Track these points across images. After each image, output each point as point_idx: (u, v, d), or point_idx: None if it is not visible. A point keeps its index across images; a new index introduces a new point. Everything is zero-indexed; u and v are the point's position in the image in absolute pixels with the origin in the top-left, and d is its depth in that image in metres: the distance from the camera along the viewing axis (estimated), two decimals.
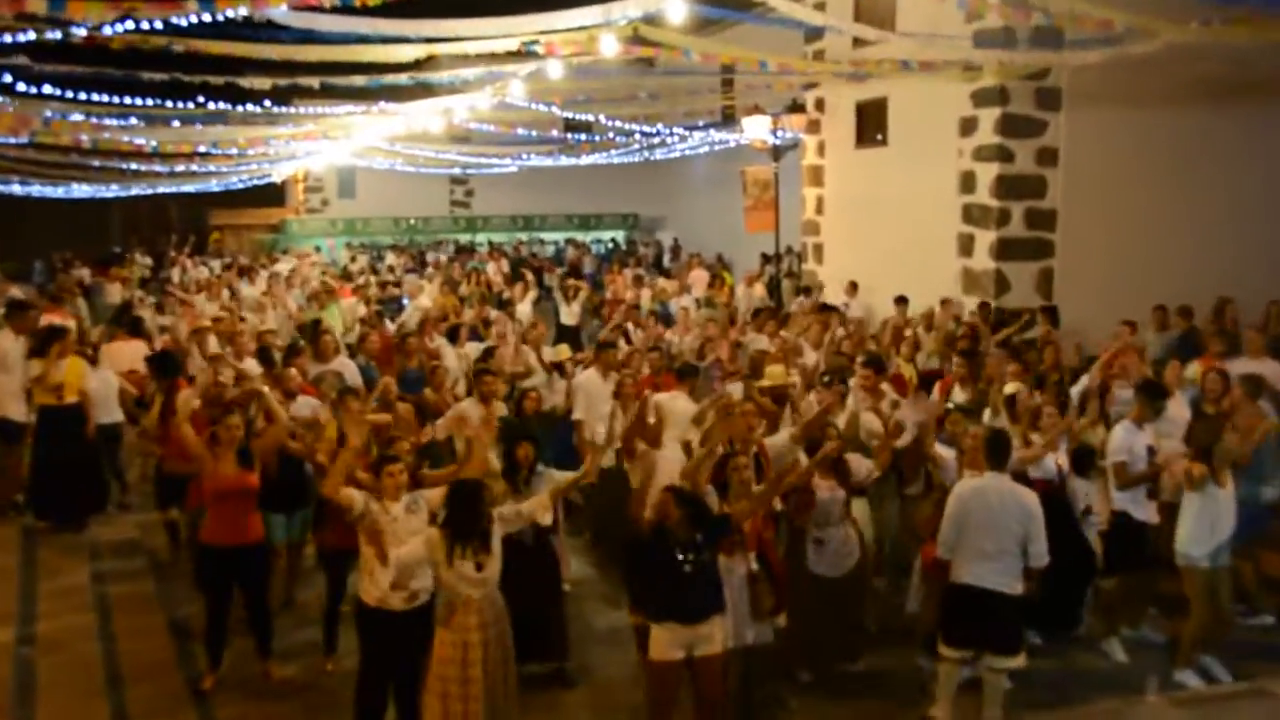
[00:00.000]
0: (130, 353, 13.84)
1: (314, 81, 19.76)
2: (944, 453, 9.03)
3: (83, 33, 10.94)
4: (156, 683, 8.51)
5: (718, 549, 7.18)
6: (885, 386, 10.96)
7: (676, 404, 9.93)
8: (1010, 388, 10.70)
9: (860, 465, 8.93)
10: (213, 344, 13.38)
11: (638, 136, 26.08)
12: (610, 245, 37.70)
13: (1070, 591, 9.29)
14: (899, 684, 8.69)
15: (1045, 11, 13.27)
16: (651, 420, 9.39)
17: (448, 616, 6.89)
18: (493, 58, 15.92)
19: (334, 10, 10.18)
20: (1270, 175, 17.31)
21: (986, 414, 10.46)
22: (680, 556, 6.90)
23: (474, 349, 14.13)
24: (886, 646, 9.14)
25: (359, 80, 18.61)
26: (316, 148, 25.58)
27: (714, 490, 7.91)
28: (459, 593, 6.86)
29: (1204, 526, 8.61)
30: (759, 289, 21.86)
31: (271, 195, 41.37)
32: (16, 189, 33.59)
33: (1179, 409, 10.62)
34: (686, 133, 26.21)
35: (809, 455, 8.67)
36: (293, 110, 19.96)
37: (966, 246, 16.98)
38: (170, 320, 17.38)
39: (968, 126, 16.87)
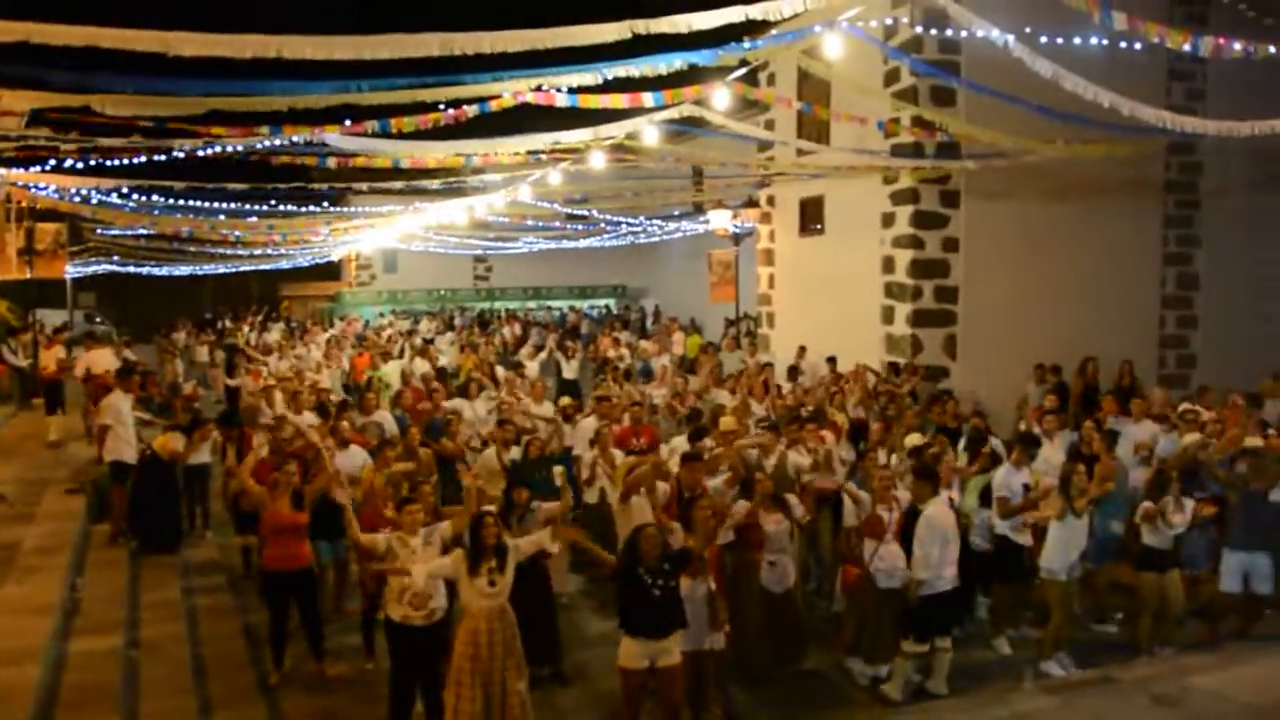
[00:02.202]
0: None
1: (363, 185, 20.06)
2: (856, 491, 9.11)
3: (181, 154, 11.15)
4: (233, 679, 8.57)
5: (680, 575, 7.30)
6: (825, 434, 11.09)
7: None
8: (912, 439, 10.81)
9: (795, 504, 9.03)
10: (278, 400, 13.44)
11: (624, 226, 26.38)
12: (604, 310, 37.81)
13: (968, 593, 9.46)
14: (827, 680, 8.80)
15: (945, 132, 13.55)
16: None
17: (463, 619, 7.04)
18: (506, 166, 16.20)
19: (375, 135, 10.35)
20: (1121, 258, 17.45)
21: (893, 458, 10.59)
22: (650, 582, 7.02)
23: (484, 403, 14.12)
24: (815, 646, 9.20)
25: (398, 184, 18.88)
26: (364, 236, 25.79)
27: (679, 527, 8.05)
28: (473, 603, 7.01)
29: (1062, 547, 8.80)
30: (738, 353, 21.83)
31: (330, 271, 41.53)
32: (131, 269, 34.08)
33: (1054, 453, 10.75)
34: (663, 222, 26.47)
35: (745, 497, 8.81)
36: (347, 210, 20.17)
37: (888, 316, 17.04)
38: (238, 380, 17.46)
39: (888, 220, 16.96)
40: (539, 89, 9.29)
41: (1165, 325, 18.17)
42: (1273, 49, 8.30)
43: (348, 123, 9.90)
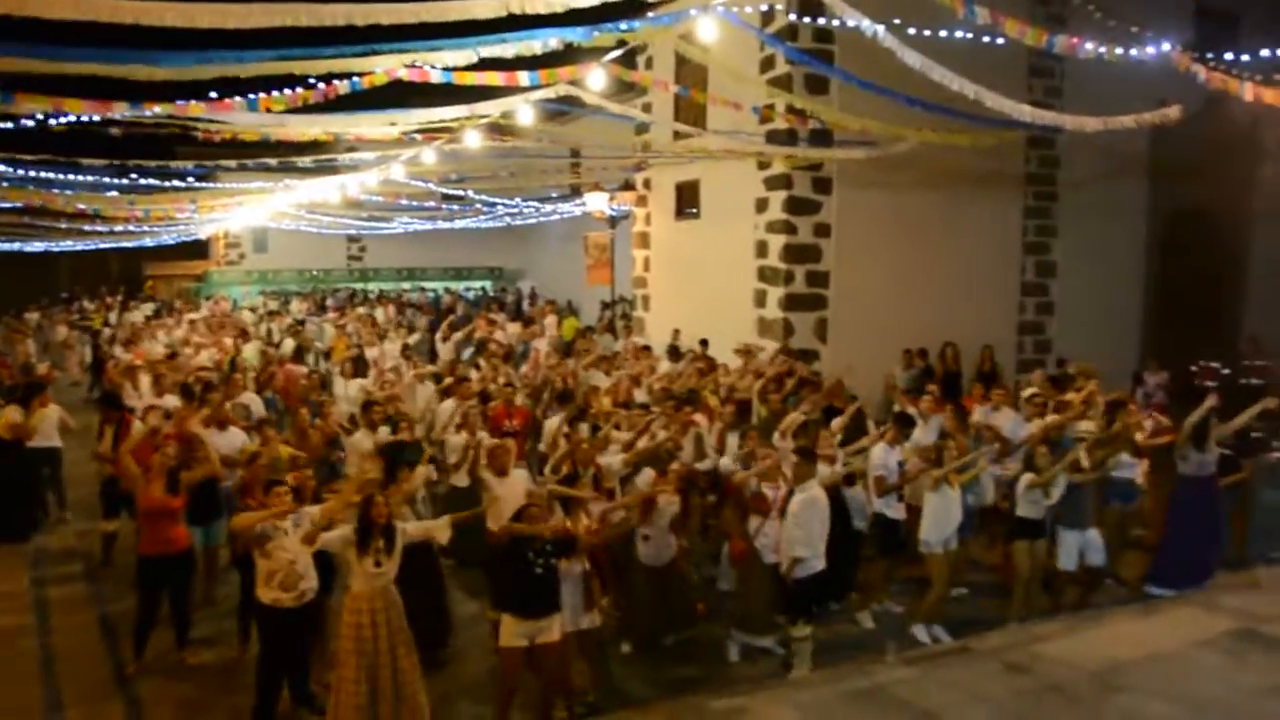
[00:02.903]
0: None
1: (232, 162, 19.43)
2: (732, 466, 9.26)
3: (30, 124, 10.58)
4: (86, 671, 8.28)
5: (563, 556, 7.30)
6: (697, 417, 11.20)
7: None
8: (792, 418, 10.97)
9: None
10: (144, 382, 12.97)
11: (500, 207, 26.13)
12: (479, 293, 37.42)
13: (847, 569, 9.68)
14: (706, 651, 8.91)
15: (818, 120, 13.78)
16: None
17: (346, 600, 6.92)
18: (380, 143, 15.84)
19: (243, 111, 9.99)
20: (985, 246, 18.03)
21: (775, 436, 10.74)
22: (533, 561, 7.01)
23: (356, 384, 13.91)
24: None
25: (270, 160, 18.33)
26: (232, 214, 24.98)
27: (559, 506, 8.06)
28: (359, 583, 6.91)
29: (938, 521, 9.09)
30: (607, 336, 21.86)
31: (197, 250, 40.07)
32: None
33: (926, 434, 11.07)
34: (540, 204, 26.32)
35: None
36: (214, 186, 19.50)
37: (761, 300, 17.25)
38: (112, 362, 16.79)
39: (761, 205, 17.16)
40: (413, 66, 9.10)
41: (1025, 311, 18.89)
42: (1119, 50, 8.68)
43: (213, 96, 9.54)
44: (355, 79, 9.41)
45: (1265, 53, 11.11)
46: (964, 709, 6.40)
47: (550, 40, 8.66)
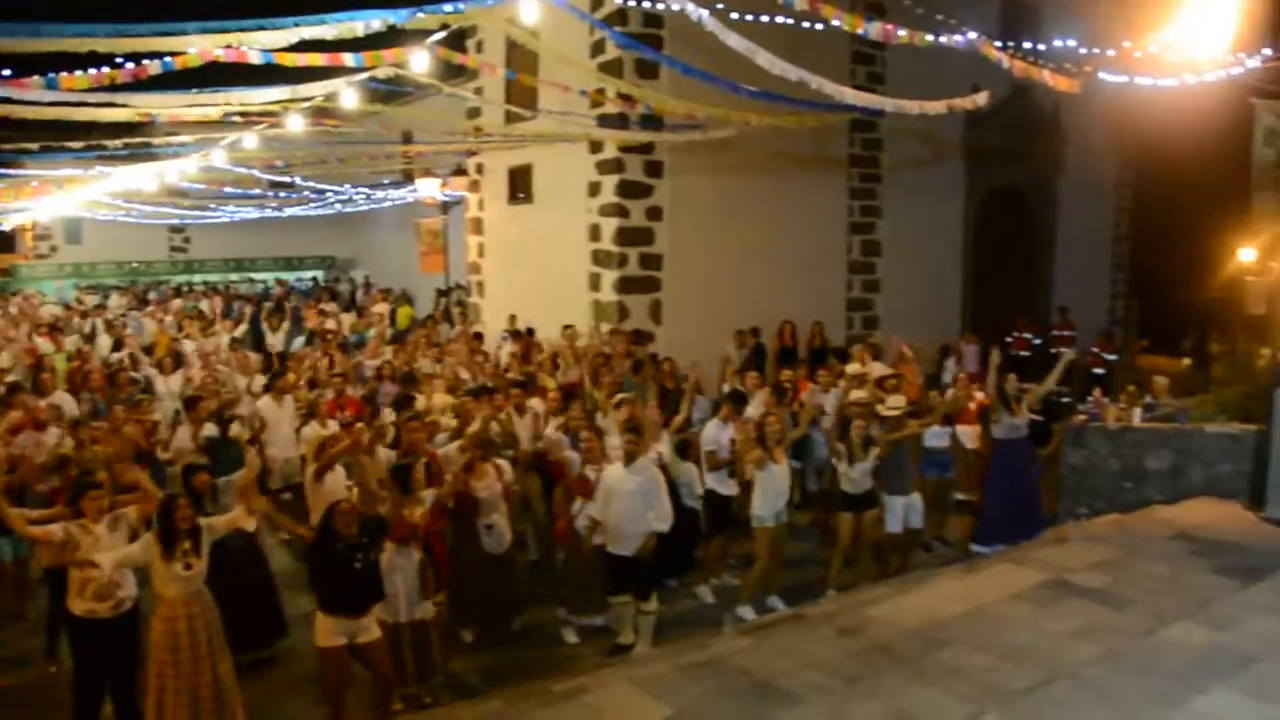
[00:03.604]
0: None
1: (33, 145, 18.27)
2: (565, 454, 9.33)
3: None
4: None
5: (380, 546, 7.17)
6: (533, 400, 11.20)
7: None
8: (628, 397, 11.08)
9: (504, 468, 9.12)
10: None
11: (330, 195, 25.47)
12: (311, 283, 36.41)
13: (684, 545, 9.84)
14: (546, 637, 8.99)
15: (647, 104, 13.89)
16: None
17: (157, 608, 6.64)
18: (199, 125, 15.18)
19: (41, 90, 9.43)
20: (813, 227, 18.57)
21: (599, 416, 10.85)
22: (349, 557, 6.86)
23: (178, 379, 13.42)
24: (534, 605, 9.42)
25: (76, 144, 17.34)
26: (38, 203, 23.53)
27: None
28: (169, 588, 6.62)
29: (766, 495, 9.33)
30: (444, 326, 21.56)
31: (3, 242, 37.68)
32: None
33: (756, 410, 11.32)
34: (371, 191, 25.78)
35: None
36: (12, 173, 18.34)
37: (595, 283, 17.33)
38: None
39: (594, 189, 17.21)
40: (229, 47, 8.75)
41: (852, 289, 19.54)
42: (929, 37, 9.08)
43: (6, 73, 8.96)
44: (168, 59, 9.01)
45: (1059, 43, 11.78)
46: (798, 673, 6.61)
47: (373, 22, 8.47)
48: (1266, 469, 10.14)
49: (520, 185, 19.92)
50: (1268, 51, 13.08)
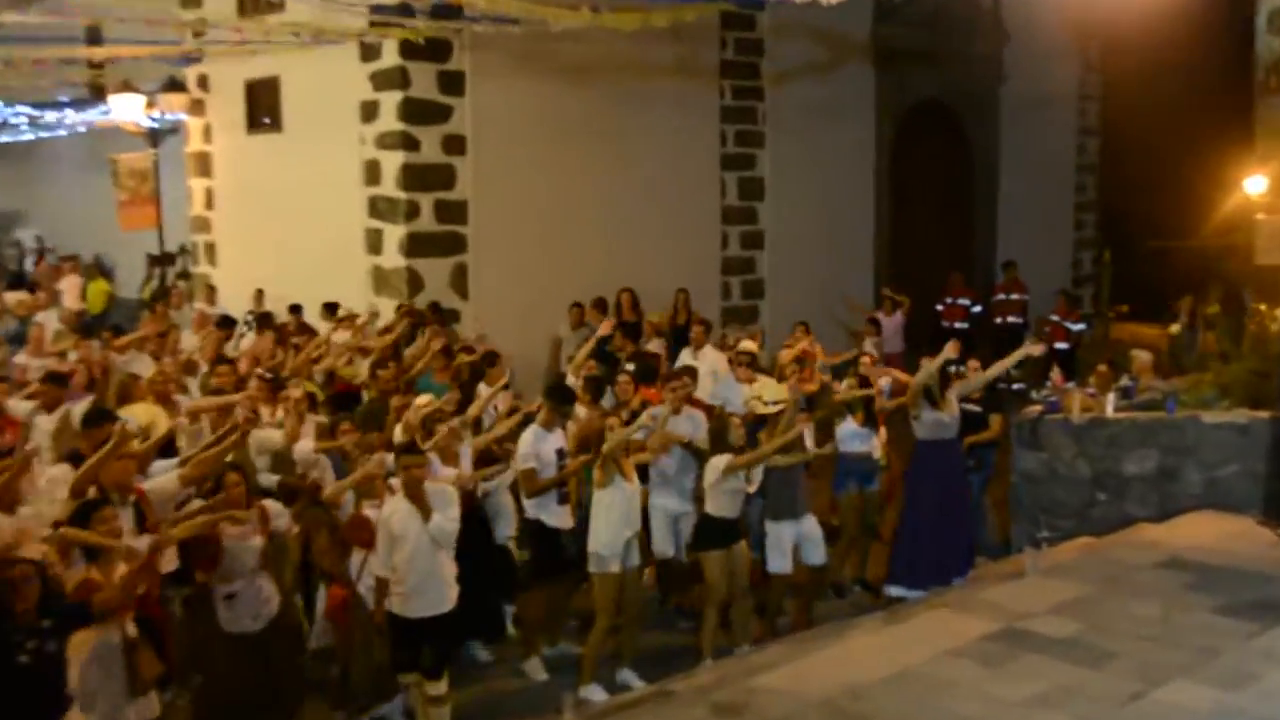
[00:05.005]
0: None
1: None
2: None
3: None
4: None
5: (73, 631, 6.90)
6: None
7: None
8: (420, 400, 11.01)
9: (276, 509, 8.86)
10: None
11: None
12: None
13: (493, 602, 9.91)
14: None
15: None
16: None
17: None
18: None
19: None
20: (669, 161, 18.78)
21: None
22: (13, 643, 6.54)
23: None
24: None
25: None
26: None
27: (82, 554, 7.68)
28: None
29: (612, 525, 9.33)
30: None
31: None
32: None
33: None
34: (38, 112, 24.91)
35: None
36: None
37: (375, 243, 17.18)
38: None
39: (369, 111, 17.04)
40: None
41: (728, 245, 19.94)
42: None
43: None
44: None
45: None
46: None
47: None
48: None
49: (263, 106, 19.59)
50: None
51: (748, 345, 13.65)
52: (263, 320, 16.39)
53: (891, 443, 11.61)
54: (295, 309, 16.70)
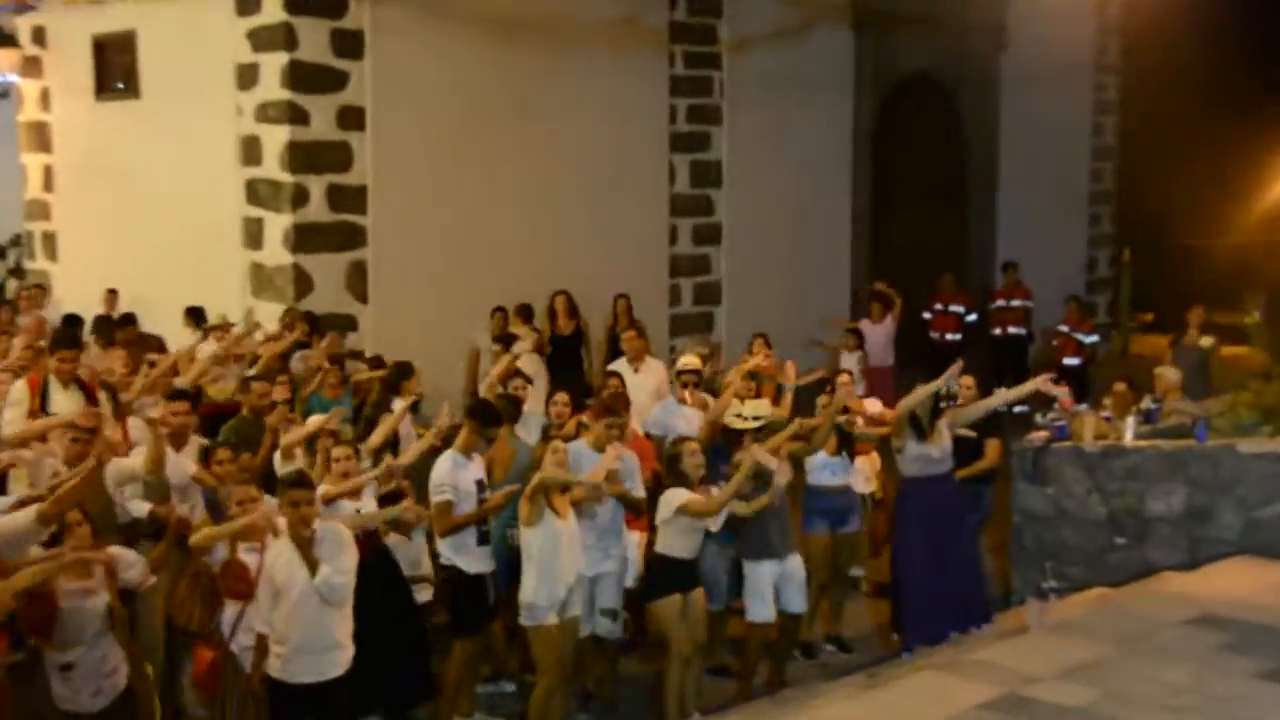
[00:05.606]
0: None
1: None
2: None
3: None
4: None
5: None
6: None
7: None
8: (313, 420, 11.04)
9: (126, 558, 8.78)
10: None
11: None
12: None
13: (412, 661, 9.91)
14: None
15: None
16: None
17: None
18: None
19: None
20: (610, 142, 18.90)
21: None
22: None
23: None
24: None
25: None
26: None
27: None
28: None
29: (545, 570, 9.40)
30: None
31: None
32: None
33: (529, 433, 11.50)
34: None
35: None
36: None
37: (255, 236, 17.06)
38: None
39: (247, 77, 16.91)
40: None
41: (677, 240, 20.06)
42: None
43: None
44: None
45: None
46: None
47: None
48: None
49: (116, 67, 19.46)
50: None
51: (689, 361, 13.58)
52: (109, 325, 16.27)
53: (887, 473, 11.69)
54: (128, 319, 16.68)
